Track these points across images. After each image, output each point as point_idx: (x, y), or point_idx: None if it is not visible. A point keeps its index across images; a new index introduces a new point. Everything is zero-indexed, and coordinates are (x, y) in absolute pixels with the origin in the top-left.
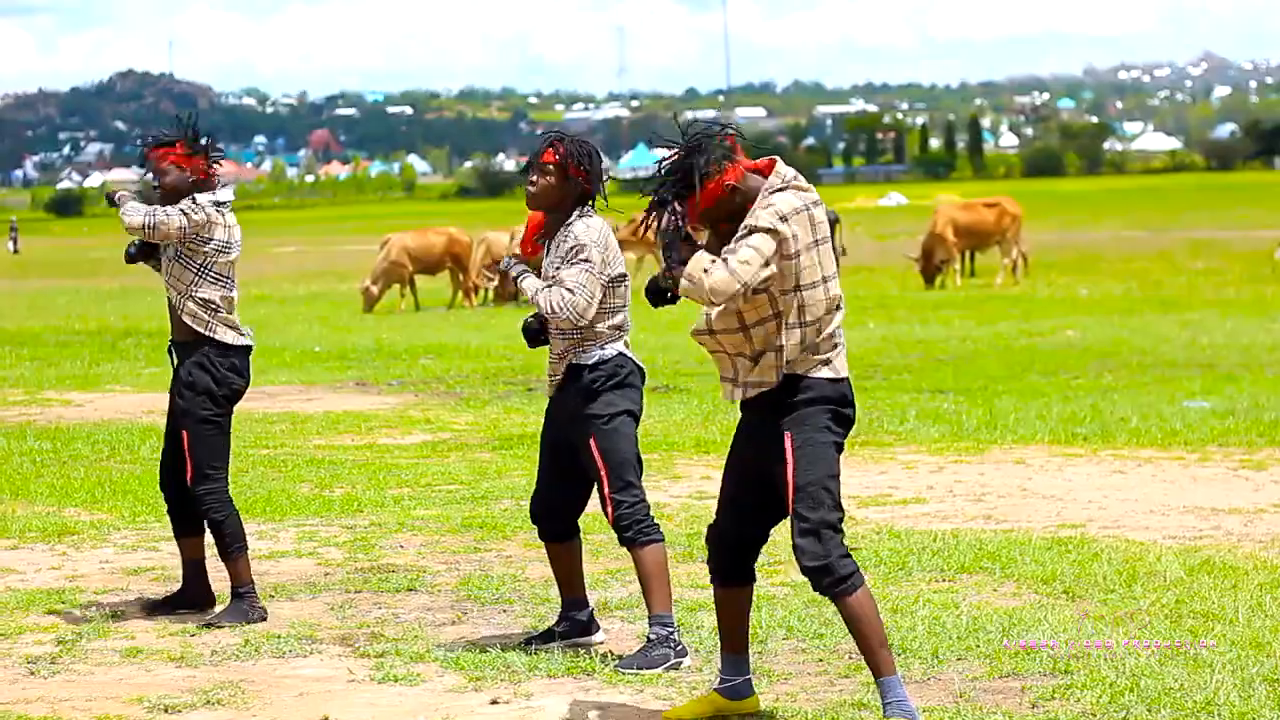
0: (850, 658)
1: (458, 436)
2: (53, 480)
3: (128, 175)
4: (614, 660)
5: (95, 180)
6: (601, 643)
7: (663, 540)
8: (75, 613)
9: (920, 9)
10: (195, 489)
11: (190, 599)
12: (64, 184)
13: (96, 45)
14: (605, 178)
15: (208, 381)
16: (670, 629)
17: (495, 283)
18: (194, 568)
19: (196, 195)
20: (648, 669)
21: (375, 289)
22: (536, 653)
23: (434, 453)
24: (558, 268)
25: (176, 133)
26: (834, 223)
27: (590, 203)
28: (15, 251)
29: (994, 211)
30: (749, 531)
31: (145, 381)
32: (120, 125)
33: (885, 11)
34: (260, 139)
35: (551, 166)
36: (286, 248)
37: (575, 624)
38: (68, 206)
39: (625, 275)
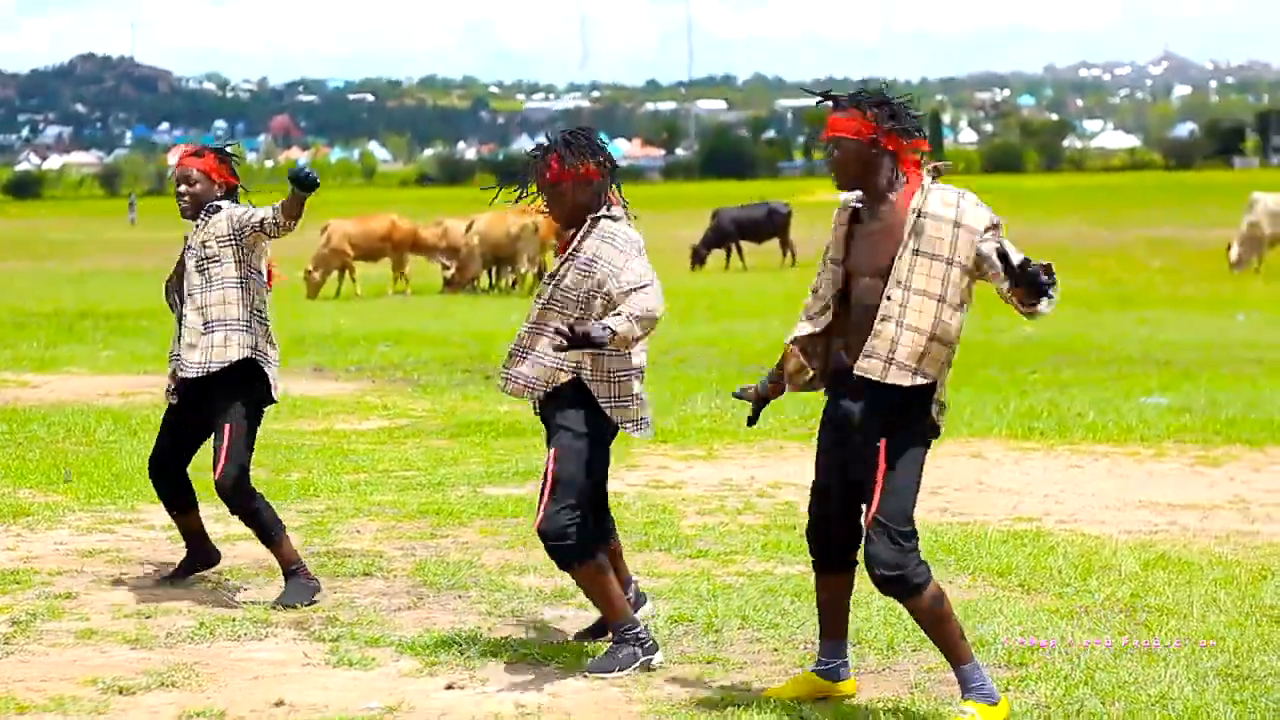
0: (805, 648)
1: (415, 423)
2: (8, 462)
3: (87, 158)
4: (572, 648)
5: (54, 162)
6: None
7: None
8: (29, 594)
9: (882, 3)
10: (225, 481)
11: (202, 562)
12: (22, 165)
13: (58, 27)
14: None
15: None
16: (633, 627)
17: (451, 271)
18: (197, 535)
19: (221, 204)
20: (618, 671)
21: (317, 275)
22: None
23: (391, 439)
24: (589, 293)
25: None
26: (786, 216)
27: (606, 200)
28: None
29: None
30: (841, 519)
31: (102, 364)
32: (80, 108)
33: (847, 5)
34: (220, 124)
35: (567, 184)
36: None
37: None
38: (26, 188)
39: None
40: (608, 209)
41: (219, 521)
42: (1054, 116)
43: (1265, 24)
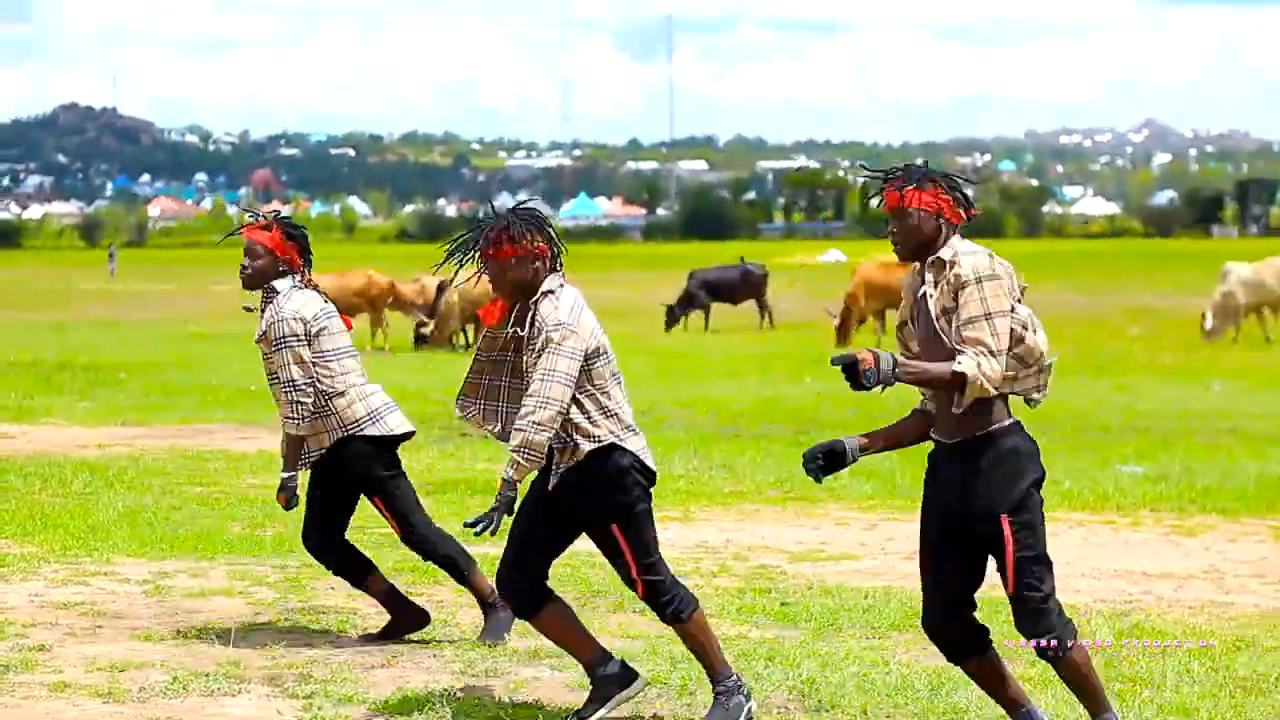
0: (777, 711)
1: None
2: None
3: (68, 209)
4: (547, 708)
5: (35, 212)
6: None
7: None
8: (3, 645)
9: (863, 69)
10: (409, 539)
11: (406, 625)
12: (2, 214)
13: (39, 78)
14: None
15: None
16: (731, 678)
17: (429, 328)
18: (391, 596)
19: (278, 287)
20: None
21: None
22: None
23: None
24: (536, 359)
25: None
26: (762, 278)
27: (557, 267)
28: None
29: (908, 272)
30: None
31: (79, 415)
32: (61, 158)
33: (828, 70)
34: (201, 176)
35: (513, 260)
36: (224, 285)
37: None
38: (6, 237)
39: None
40: (550, 283)
41: (193, 577)
42: (1034, 182)
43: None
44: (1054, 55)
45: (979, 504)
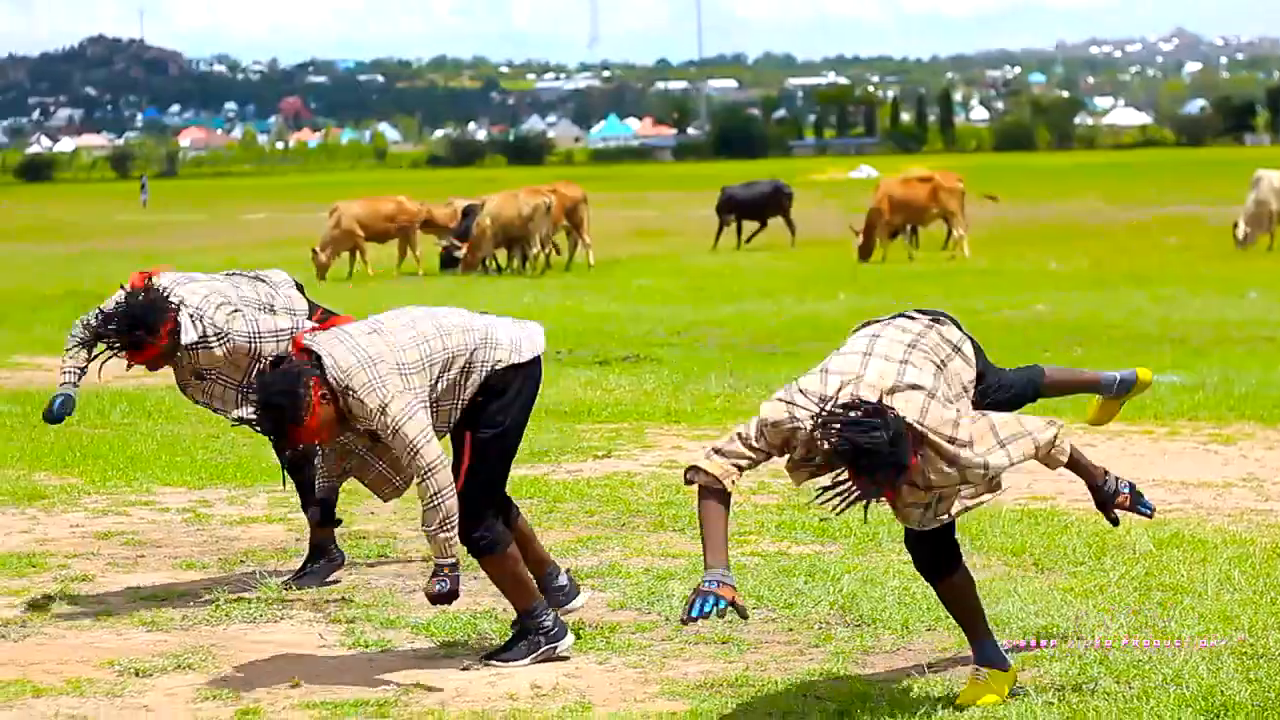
0: (818, 628)
1: None
2: (22, 444)
3: (97, 140)
4: (587, 628)
5: (65, 145)
6: (580, 607)
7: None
8: (45, 577)
9: None
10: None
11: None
12: (33, 148)
13: (67, 10)
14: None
15: None
16: (538, 617)
17: (461, 251)
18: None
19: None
20: (522, 660)
21: (324, 256)
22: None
23: None
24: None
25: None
26: (788, 196)
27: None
28: None
29: (927, 187)
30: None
31: None
32: (91, 91)
33: None
34: (231, 106)
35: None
36: (257, 215)
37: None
38: (37, 171)
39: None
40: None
41: (233, 505)
42: (1065, 94)
43: (1275, 0)
44: None
45: None
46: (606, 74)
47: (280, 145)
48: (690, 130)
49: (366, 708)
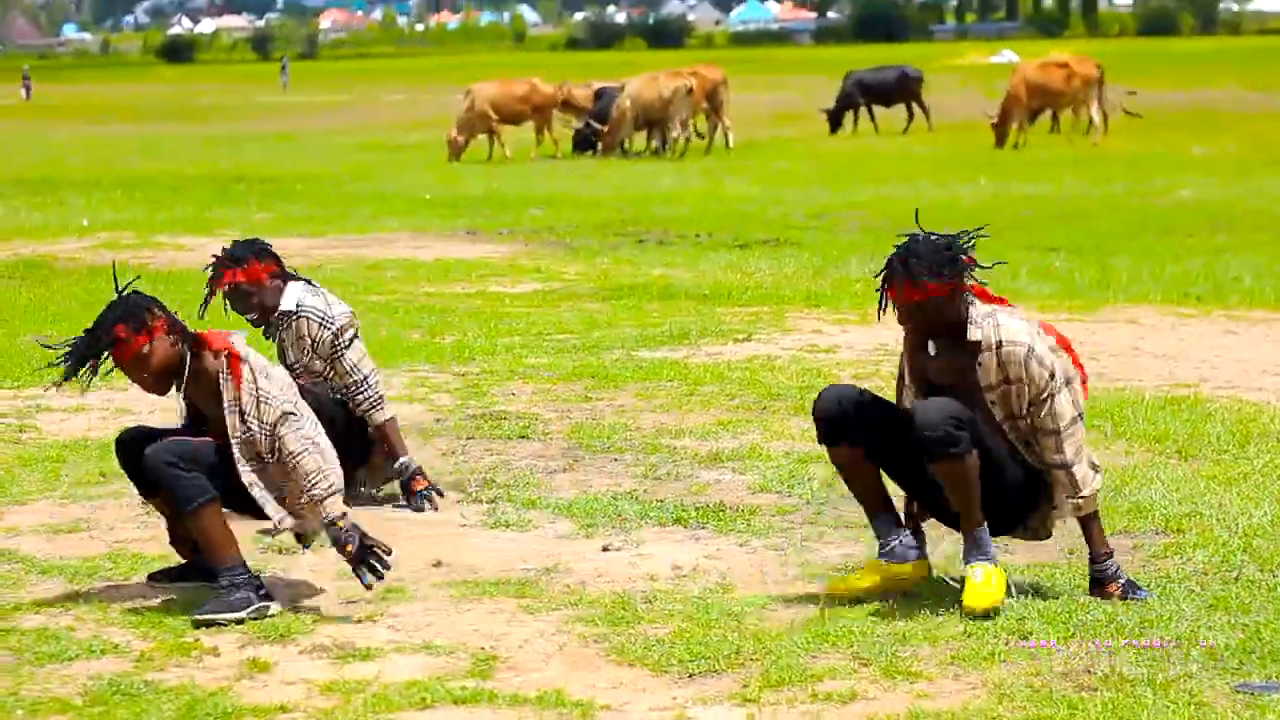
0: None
1: (568, 286)
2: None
3: (238, 21)
4: (728, 511)
5: (206, 26)
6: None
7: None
8: None
9: None
10: None
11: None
12: (174, 30)
13: None
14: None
15: None
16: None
17: (579, 126)
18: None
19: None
20: (229, 613)
21: (460, 138)
22: (645, 502)
23: (544, 302)
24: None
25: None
26: (917, 81)
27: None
28: (28, 98)
29: (1063, 72)
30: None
31: (256, 226)
32: None
33: None
34: None
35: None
36: (396, 95)
37: None
38: (178, 52)
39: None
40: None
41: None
42: None
43: None
44: None
45: None
46: None
47: (419, 27)
48: (830, 14)
49: (507, 587)
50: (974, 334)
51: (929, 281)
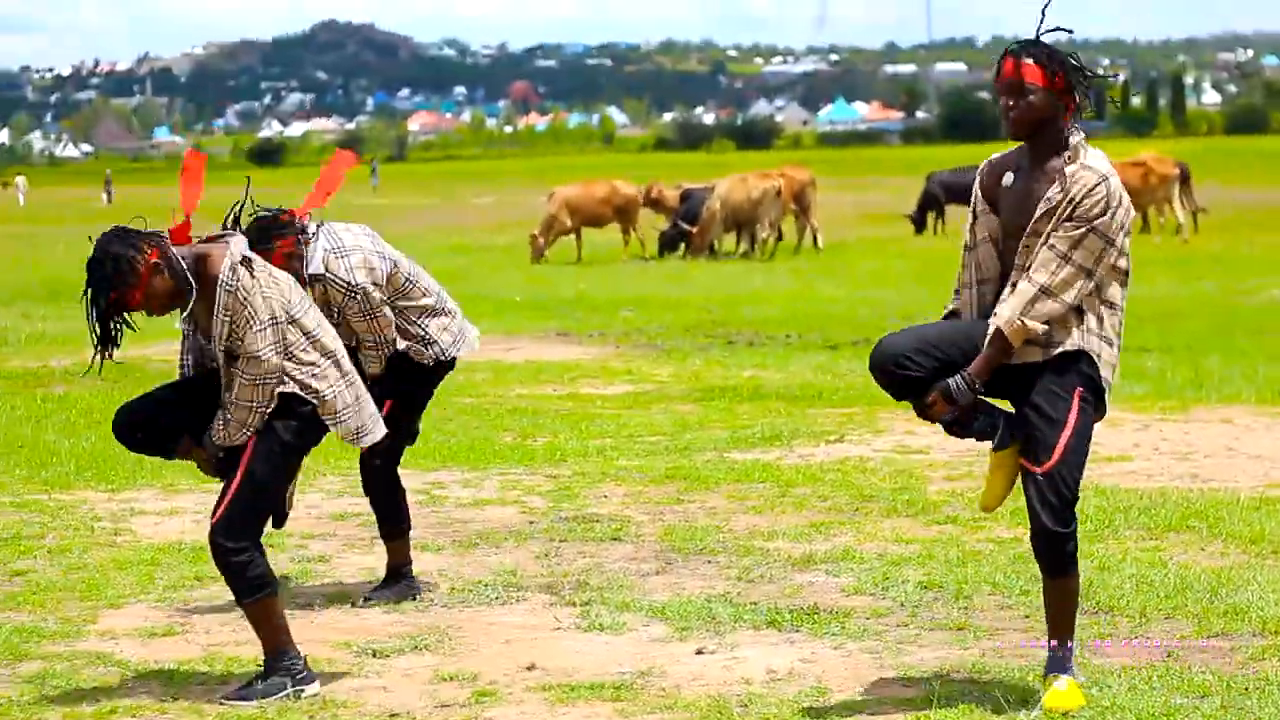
0: None
1: (660, 388)
2: None
3: (327, 124)
4: (822, 614)
5: (296, 129)
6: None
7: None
8: (283, 557)
9: None
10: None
11: None
12: (264, 133)
13: None
14: None
15: None
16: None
17: (666, 227)
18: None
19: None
20: (258, 700)
21: (541, 240)
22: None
23: (636, 403)
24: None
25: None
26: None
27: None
28: (109, 203)
29: (1139, 170)
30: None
31: None
32: (321, 75)
33: None
34: (460, 89)
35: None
36: (484, 198)
37: None
38: (269, 155)
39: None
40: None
41: (466, 487)
42: None
43: None
44: None
45: None
46: (834, 57)
47: (508, 129)
48: (919, 114)
49: (602, 691)
50: (1066, 157)
51: (1031, 64)
